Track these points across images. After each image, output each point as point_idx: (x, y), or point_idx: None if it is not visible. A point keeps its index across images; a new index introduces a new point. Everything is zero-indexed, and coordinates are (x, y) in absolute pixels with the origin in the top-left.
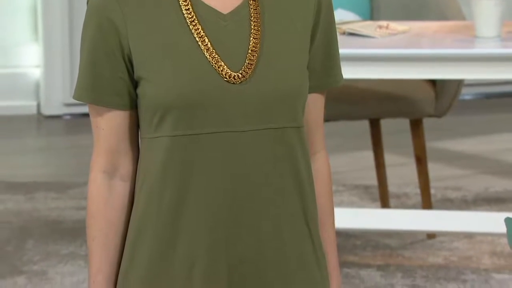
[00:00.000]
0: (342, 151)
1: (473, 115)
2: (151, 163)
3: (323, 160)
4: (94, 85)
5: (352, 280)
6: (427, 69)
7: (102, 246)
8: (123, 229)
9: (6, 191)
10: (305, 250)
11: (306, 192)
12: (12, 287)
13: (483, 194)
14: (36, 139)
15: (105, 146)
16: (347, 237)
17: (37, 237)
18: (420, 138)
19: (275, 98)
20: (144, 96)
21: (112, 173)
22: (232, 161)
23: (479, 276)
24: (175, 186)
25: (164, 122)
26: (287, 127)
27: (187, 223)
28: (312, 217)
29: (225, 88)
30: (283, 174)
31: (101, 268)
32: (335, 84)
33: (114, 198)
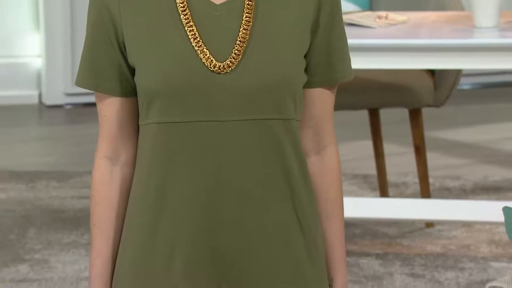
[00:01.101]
0: (342, 141)
1: (471, 105)
2: (142, 150)
3: (332, 154)
4: (93, 72)
5: (351, 269)
6: (426, 59)
7: (103, 230)
8: (124, 214)
9: (8, 180)
10: (293, 243)
11: (296, 184)
12: (14, 275)
13: (481, 183)
14: (37, 129)
15: (107, 132)
16: (346, 226)
17: (39, 226)
18: (419, 128)
19: (260, 90)
20: (136, 83)
21: (115, 159)
22: (214, 151)
23: (477, 264)
24: (159, 174)
25: (152, 109)
26: (273, 119)
27: (169, 211)
28: (304, 211)
29: (209, 77)
30: (269, 165)
31: (100, 251)
32: (341, 79)
33: (117, 184)
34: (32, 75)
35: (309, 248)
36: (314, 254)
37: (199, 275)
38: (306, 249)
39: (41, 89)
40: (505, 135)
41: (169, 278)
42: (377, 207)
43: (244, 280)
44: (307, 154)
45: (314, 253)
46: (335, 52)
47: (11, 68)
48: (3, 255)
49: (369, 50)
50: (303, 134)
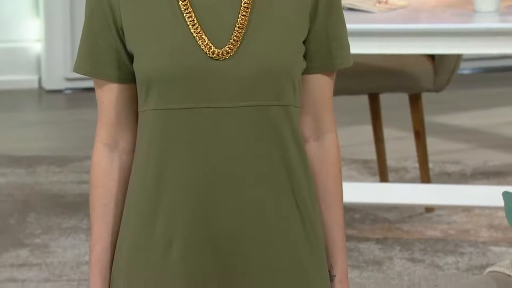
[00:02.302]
0: (341, 126)
1: (471, 89)
2: (140, 137)
3: (331, 141)
4: (91, 58)
5: (351, 253)
6: (426, 44)
7: (102, 216)
8: (123, 200)
9: (8, 165)
10: (292, 229)
11: (296, 171)
12: (14, 259)
13: (481, 168)
14: (37, 113)
15: (105, 118)
16: (346, 211)
17: (39, 211)
18: (419, 113)
19: (259, 76)
20: (135, 69)
21: (113, 145)
22: (213, 137)
23: (477, 249)
24: (157, 160)
25: (150, 96)
26: (272, 105)
27: (167, 198)
28: (303, 198)
29: (208, 63)
30: (267, 151)
31: (100, 237)
32: (340, 66)
33: (115, 170)
34: (32, 60)
35: (308, 235)
36: (313, 241)
37: (197, 262)
38: (305, 236)
39: (40, 74)
40: (506, 120)
41: (166, 265)
42: (377, 192)
43: (241, 266)
44: (306, 140)
45: (313, 240)
46: (333, 39)
47: (10, 52)
48: (3, 240)
49: (369, 35)
50: (302, 120)
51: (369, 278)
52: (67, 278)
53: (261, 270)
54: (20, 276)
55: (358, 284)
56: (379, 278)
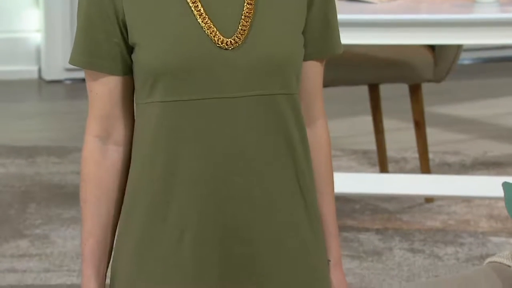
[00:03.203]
0: (341, 116)
1: (471, 80)
2: (144, 129)
3: (322, 127)
4: (89, 50)
5: (351, 244)
6: (426, 34)
7: (94, 209)
8: (115, 193)
9: (8, 155)
10: (297, 216)
11: (299, 158)
12: (15, 250)
13: (481, 158)
14: (37, 104)
15: (98, 111)
16: (346, 202)
17: (39, 201)
18: (419, 103)
19: (267, 65)
20: (137, 61)
21: (106, 138)
22: (222, 127)
23: (477, 239)
24: (166, 153)
25: (156, 88)
26: (278, 94)
27: (178, 190)
28: (306, 184)
29: (217, 53)
30: (275, 140)
31: (92, 231)
32: (333, 52)
33: (107, 163)
34: (32, 50)
35: (311, 220)
36: (315, 225)
37: (207, 251)
38: (308, 222)
39: (40, 64)
40: (506, 110)
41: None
42: (376, 183)
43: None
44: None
45: (315, 225)
46: (327, 26)
47: (10, 43)
48: (3, 231)
49: (370, 26)
50: None
51: (369, 269)
52: (67, 268)
53: (269, 257)
54: (20, 267)
55: (358, 275)
56: (378, 269)
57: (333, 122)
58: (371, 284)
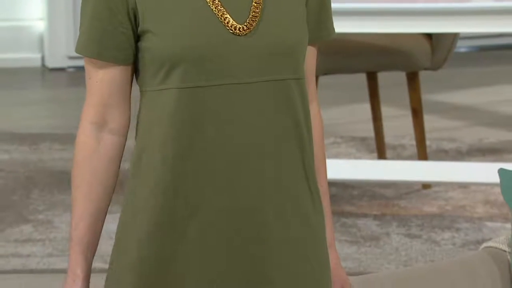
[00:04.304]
0: (340, 104)
1: (468, 68)
2: (156, 115)
3: (316, 110)
4: (96, 40)
5: (349, 229)
6: (424, 23)
7: (85, 195)
8: (107, 180)
9: (12, 142)
10: (302, 195)
11: (304, 139)
12: (19, 235)
13: (477, 145)
14: (40, 91)
15: (97, 98)
16: (345, 188)
17: (42, 187)
18: (416, 91)
19: (279, 50)
20: (148, 49)
21: (102, 125)
22: (236, 112)
23: (473, 224)
24: (182, 137)
25: (172, 75)
26: (289, 79)
27: (193, 173)
28: (310, 165)
29: (231, 40)
30: (284, 123)
31: (83, 216)
32: (327, 37)
33: (101, 150)
34: (35, 38)
35: (315, 203)
36: (318, 207)
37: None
38: (312, 204)
39: (43, 52)
40: (501, 98)
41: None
42: (374, 169)
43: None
44: None
45: (318, 207)
46: (323, 11)
47: (14, 31)
48: (7, 216)
49: (368, 14)
50: None
51: (367, 254)
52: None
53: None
54: (24, 251)
55: (356, 259)
56: (376, 254)
57: (332, 110)
58: (369, 269)
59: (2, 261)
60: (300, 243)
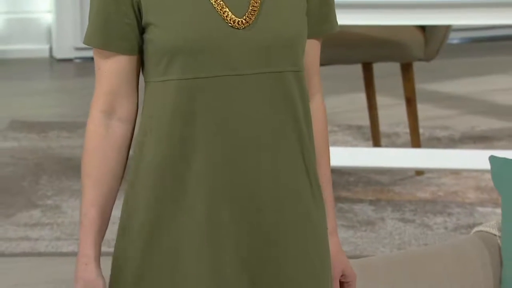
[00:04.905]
0: (337, 93)
1: (460, 58)
2: (159, 105)
3: (319, 102)
4: (103, 31)
5: (345, 214)
6: (417, 16)
7: (96, 181)
8: (117, 167)
9: (21, 130)
10: (301, 185)
11: (303, 132)
12: (28, 219)
13: (469, 132)
14: (48, 81)
15: (106, 87)
16: (341, 174)
17: (50, 173)
18: (410, 81)
19: (277, 43)
20: (151, 41)
21: (111, 113)
22: (235, 103)
23: (464, 209)
24: (183, 128)
25: (172, 66)
26: (287, 71)
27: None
28: (309, 156)
29: (230, 33)
30: (282, 115)
31: (94, 202)
32: (330, 30)
33: (111, 137)
34: (43, 30)
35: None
36: (317, 196)
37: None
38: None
39: (51, 44)
40: (492, 87)
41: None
42: (370, 156)
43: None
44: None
45: (317, 196)
46: (326, 5)
47: (23, 23)
48: (17, 201)
49: (364, 7)
50: None
51: (363, 238)
52: (77, 237)
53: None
54: (33, 235)
55: (352, 243)
56: (372, 237)
57: (330, 99)
58: (365, 252)
59: (13, 244)
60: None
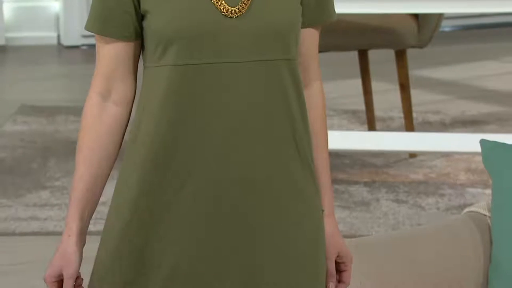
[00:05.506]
0: (333, 79)
1: (452, 45)
2: (154, 90)
3: (318, 89)
4: (102, 18)
5: (341, 195)
6: (411, 4)
7: (88, 159)
8: (108, 147)
9: (30, 114)
10: (293, 168)
11: (296, 118)
12: (36, 200)
13: (459, 117)
14: (57, 67)
15: (103, 70)
16: (337, 157)
17: (58, 156)
18: (404, 67)
19: (269, 32)
20: (148, 28)
21: (106, 96)
22: (227, 90)
23: (456, 190)
24: (173, 113)
25: (167, 53)
26: (279, 59)
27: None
28: (303, 144)
29: (222, 21)
30: (274, 102)
31: (83, 177)
32: (328, 19)
33: (104, 118)
34: (51, 18)
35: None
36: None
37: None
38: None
39: (59, 31)
40: (482, 73)
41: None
42: (365, 140)
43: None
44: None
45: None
46: None
47: (32, 11)
48: (27, 182)
49: None
50: None
51: (358, 218)
52: None
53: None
54: (42, 215)
55: (348, 223)
56: (367, 218)
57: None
58: (360, 232)
59: (23, 224)
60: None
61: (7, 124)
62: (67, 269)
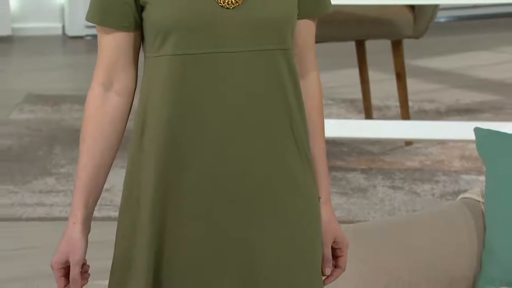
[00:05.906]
0: (331, 69)
1: (447, 36)
2: (154, 79)
3: (315, 79)
4: (102, 9)
5: (339, 182)
6: None
7: (91, 148)
8: (111, 137)
9: (36, 103)
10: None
11: (293, 110)
12: (42, 186)
13: (454, 105)
14: (62, 57)
15: (105, 61)
16: (335, 145)
17: (63, 144)
18: (400, 57)
19: (265, 23)
20: (148, 19)
21: (108, 86)
22: (224, 79)
23: (450, 177)
24: (174, 100)
25: (166, 43)
26: (275, 50)
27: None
28: (299, 133)
29: (220, 12)
30: (271, 91)
31: (86, 167)
32: (324, 10)
33: (107, 108)
34: (56, 9)
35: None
36: (306, 166)
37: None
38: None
39: (64, 22)
40: (476, 63)
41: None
42: (362, 128)
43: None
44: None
45: (306, 165)
46: None
47: (37, 2)
48: (33, 169)
49: None
50: None
51: (355, 204)
52: None
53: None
54: (47, 201)
55: (345, 209)
56: (363, 204)
57: (325, 75)
58: (357, 217)
59: (29, 210)
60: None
61: (13, 112)
62: (73, 256)
